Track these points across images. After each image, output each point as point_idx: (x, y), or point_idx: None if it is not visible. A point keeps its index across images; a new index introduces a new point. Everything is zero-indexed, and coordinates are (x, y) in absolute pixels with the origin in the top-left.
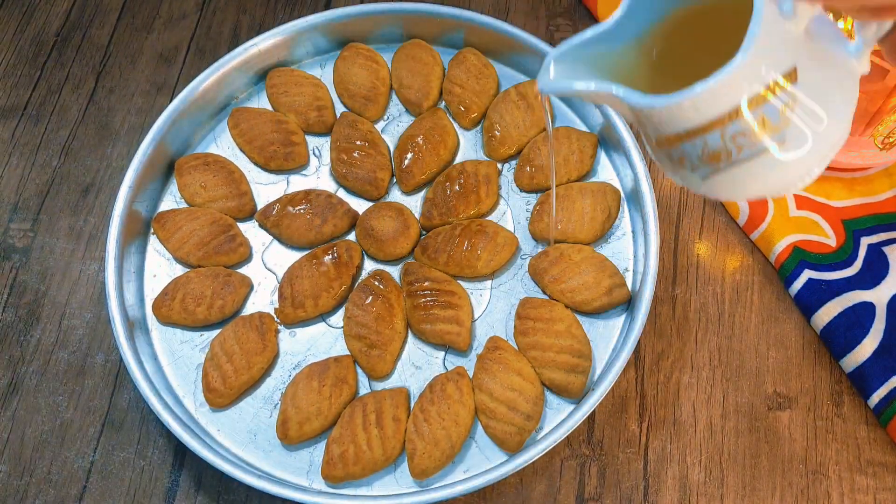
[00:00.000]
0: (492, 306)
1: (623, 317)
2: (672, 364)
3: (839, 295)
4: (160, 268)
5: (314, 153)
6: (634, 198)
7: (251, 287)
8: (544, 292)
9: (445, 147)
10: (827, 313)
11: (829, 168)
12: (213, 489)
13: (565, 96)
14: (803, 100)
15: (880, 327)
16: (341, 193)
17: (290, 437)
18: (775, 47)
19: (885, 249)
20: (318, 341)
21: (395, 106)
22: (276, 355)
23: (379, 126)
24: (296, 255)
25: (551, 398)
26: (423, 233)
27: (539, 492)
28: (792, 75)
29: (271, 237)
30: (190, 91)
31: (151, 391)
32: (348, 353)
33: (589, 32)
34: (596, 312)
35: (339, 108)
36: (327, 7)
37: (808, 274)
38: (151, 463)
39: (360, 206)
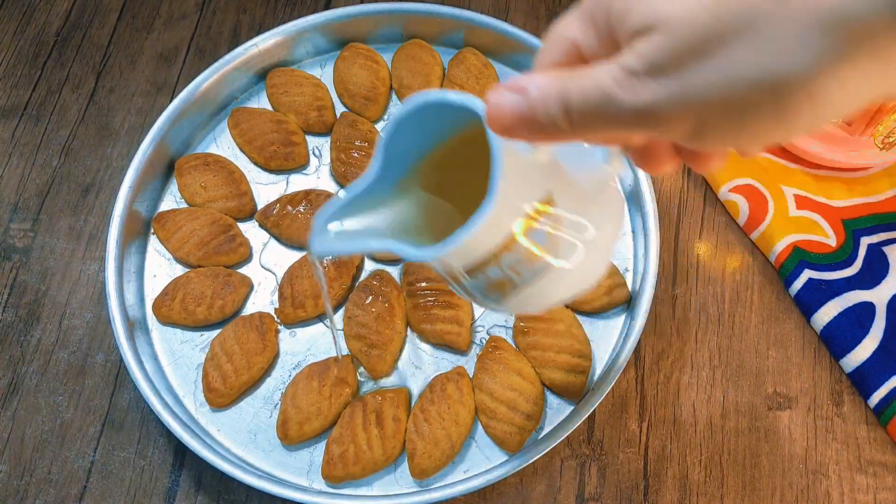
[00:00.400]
0: None
1: (623, 317)
2: (672, 364)
3: (839, 295)
4: (160, 268)
5: (314, 153)
6: (634, 198)
7: (251, 287)
8: None
9: None
10: (827, 313)
11: (829, 168)
12: (214, 489)
13: (340, 255)
14: (566, 218)
15: (880, 327)
16: (342, 194)
17: (291, 437)
18: (525, 182)
19: (885, 249)
20: (318, 341)
21: (395, 106)
22: (277, 355)
23: (379, 126)
24: (296, 255)
25: (551, 398)
26: None
27: (539, 492)
28: (549, 201)
29: (271, 237)
30: (190, 91)
31: (151, 391)
32: (348, 353)
33: (352, 190)
34: (596, 312)
35: (339, 108)
36: (327, 7)
37: (808, 274)
38: (151, 463)
39: None
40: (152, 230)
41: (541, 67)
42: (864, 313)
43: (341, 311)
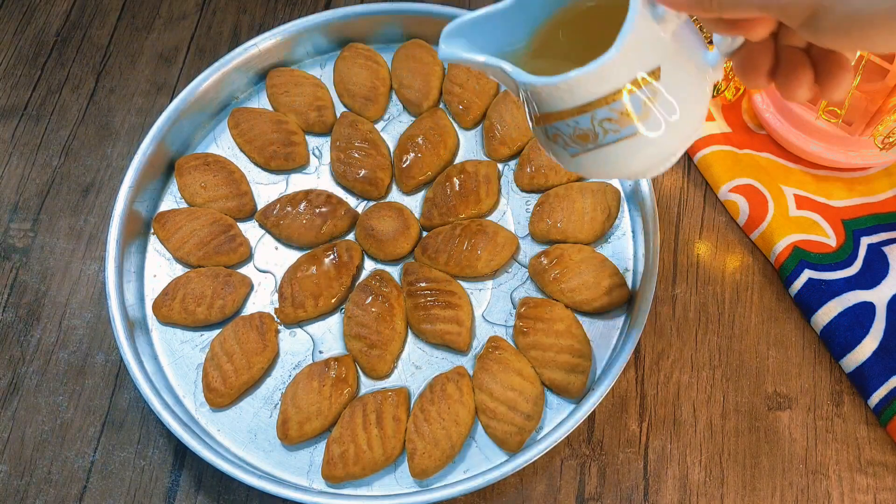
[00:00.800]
0: (492, 306)
1: (623, 317)
2: (672, 364)
3: (839, 295)
4: (160, 268)
5: (314, 153)
6: (634, 198)
7: (251, 287)
8: (544, 292)
9: (445, 147)
10: (827, 313)
11: (829, 168)
12: (214, 489)
13: (461, 64)
14: (663, 96)
15: (880, 327)
16: (341, 193)
17: (291, 437)
18: (644, 47)
19: (885, 249)
20: (318, 341)
21: (395, 106)
22: (277, 355)
23: (379, 126)
24: (295, 255)
25: (551, 398)
26: (424, 233)
27: (539, 492)
28: (656, 73)
29: (271, 237)
30: (190, 91)
31: (151, 391)
32: (348, 353)
33: (483, 11)
34: (596, 312)
35: (339, 108)
36: (327, 7)
37: (808, 274)
38: (152, 463)
39: (360, 206)
40: (152, 230)
41: None
42: (864, 313)
43: (341, 311)
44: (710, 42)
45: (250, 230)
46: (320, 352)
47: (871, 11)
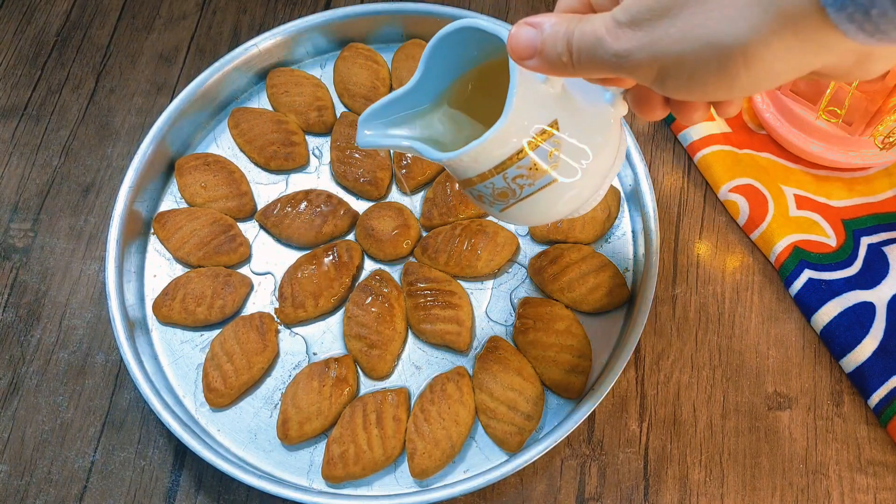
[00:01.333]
0: (492, 306)
1: (623, 317)
2: (672, 364)
3: (839, 295)
4: (160, 268)
5: (314, 153)
6: (634, 198)
7: (251, 287)
8: (544, 292)
9: None
10: (827, 313)
11: (829, 168)
12: (214, 489)
13: (379, 149)
14: (568, 144)
15: (880, 327)
16: (341, 193)
17: (291, 437)
18: (535, 107)
19: (885, 249)
20: (319, 341)
21: None
22: (277, 355)
23: None
24: (295, 255)
25: (551, 398)
26: (424, 233)
27: (539, 492)
28: (555, 125)
29: (271, 237)
30: (190, 91)
31: (152, 391)
32: (348, 353)
33: (393, 95)
34: (596, 312)
35: (339, 108)
36: (327, 7)
37: (808, 274)
38: (152, 463)
39: (360, 206)
40: (152, 230)
41: (559, 9)
42: (864, 313)
43: (341, 311)
44: None
45: (250, 230)
46: (314, 353)
47: (703, 74)
